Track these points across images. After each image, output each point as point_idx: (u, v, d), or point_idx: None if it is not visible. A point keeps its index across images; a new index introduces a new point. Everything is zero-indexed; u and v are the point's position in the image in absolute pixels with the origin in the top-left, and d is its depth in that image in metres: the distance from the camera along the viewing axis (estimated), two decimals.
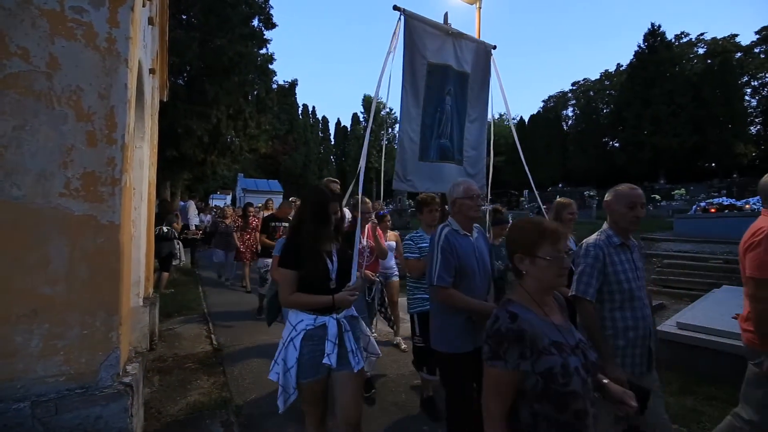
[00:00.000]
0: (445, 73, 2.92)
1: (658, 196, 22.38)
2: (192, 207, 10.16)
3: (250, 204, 7.62)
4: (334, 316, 1.84)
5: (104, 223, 2.05)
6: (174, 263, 7.11)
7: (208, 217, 11.80)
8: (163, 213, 6.73)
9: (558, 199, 3.46)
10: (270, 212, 8.00)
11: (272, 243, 4.86)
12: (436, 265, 2.03)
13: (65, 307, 1.94)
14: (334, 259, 1.89)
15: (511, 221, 3.48)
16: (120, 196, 2.10)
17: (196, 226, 10.06)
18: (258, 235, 7.14)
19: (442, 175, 2.98)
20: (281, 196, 24.05)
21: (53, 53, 1.95)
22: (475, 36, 8.67)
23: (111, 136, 2.08)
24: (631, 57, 33.93)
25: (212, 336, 4.62)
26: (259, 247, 7.32)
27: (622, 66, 40.81)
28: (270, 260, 4.70)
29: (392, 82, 2.64)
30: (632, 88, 32.68)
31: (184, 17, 7.41)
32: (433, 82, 2.83)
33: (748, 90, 34.42)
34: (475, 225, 2.29)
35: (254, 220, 7.26)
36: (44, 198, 1.92)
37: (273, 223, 5.28)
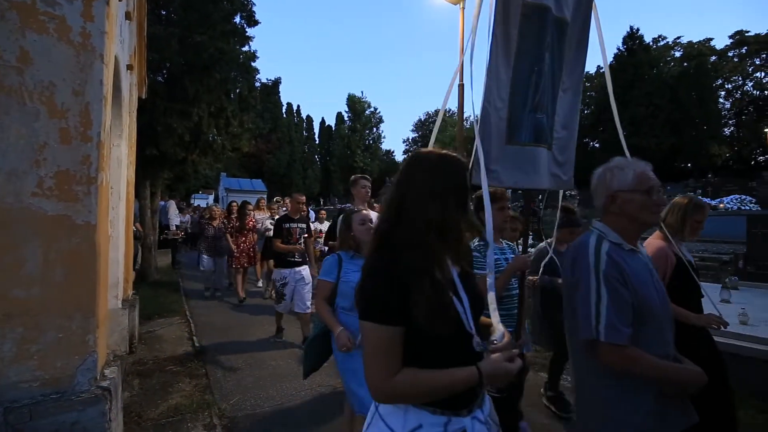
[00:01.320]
0: (542, 17, 1.98)
1: None
2: (173, 207, 9.96)
3: (247, 202, 7.03)
4: (479, 413, 0.99)
5: (80, 223, 1.99)
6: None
7: (187, 217, 11.55)
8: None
9: (680, 197, 2.34)
10: (264, 212, 7.45)
11: (293, 248, 4.32)
12: (599, 307, 1.23)
13: (39, 310, 1.88)
14: (462, 292, 0.99)
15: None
16: (96, 195, 2.04)
17: (176, 226, 9.87)
18: (253, 236, 6.71)
19: (536, 164, 2.07)
20: (265, 196, 23.69)
21: (24, 47, 1.88)
22: (458, 38, 8.67)
23: (86, 133, 2.02)
24: (611, 59, 34.84)
25: (194, 338, 4.55)
26: (257, 251, 6.77)
27: (602, 68, 41.76)
28: (287, 270, 4.31)
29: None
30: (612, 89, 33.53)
31: (164, 13, 7.23)
32: (528, 30, 1.92)
33: (722, 92, 35.79)
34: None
35: (251, 221, 6.71)
36: (16, 197, 1.86)
37: (287, 225, 4.41)
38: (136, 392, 3.27)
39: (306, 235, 4.56)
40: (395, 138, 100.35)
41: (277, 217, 6.65)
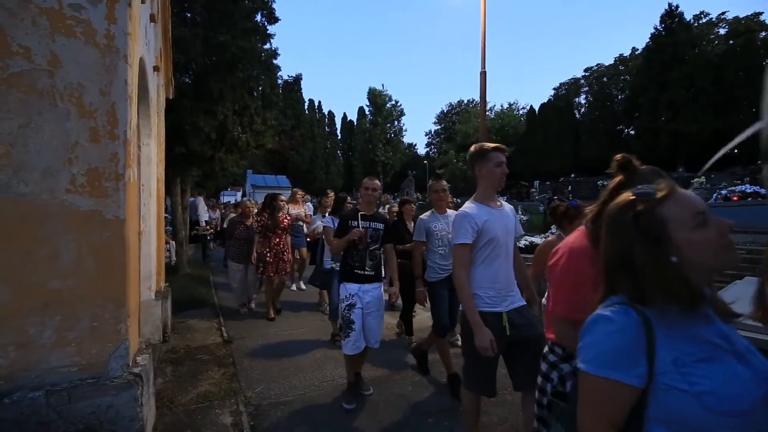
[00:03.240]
0: None
1: None
2: (201, 203, 10.35)
3: (278, 194, 5.48)
4: None
5: (110, 218, 2.09)
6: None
7: (218, 213, 11.97)
8: None
9: None
10: (299, 207, 6.34)
11: (351, 235, 2.87)
12: None
13: (75, 300, 1.99)
14: None
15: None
16: (124, 191, 2.13)
17: (206, 221, 10.27)
18: (287, 239, 5.39)
19: None
20: (290, 192, 24.22)
21: (54, 51, 1.98)
22: (480, 24, 8.44)
23: (113, 132, 2.11)
24: (647, 40, 32.93)
25: (223, 329, 4.72)
26: (289, 256, 5.43)
27: (637, 50, 39.70)
28: (355, 286, 2.90)
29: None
30: (648, 72, 31.78)
31: (189, 15, 7.44)
32: None
33: None
34: None
35: (284, 219, 5.40)
36: (51, 194, 1.97)
37: (355, 222, 2.94)
38: (169, 379, 3.43)
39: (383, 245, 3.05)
40: (418, 131, 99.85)
41: (327, 214, 5.11)
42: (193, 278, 7.63)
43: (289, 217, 5.57)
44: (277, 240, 5.25)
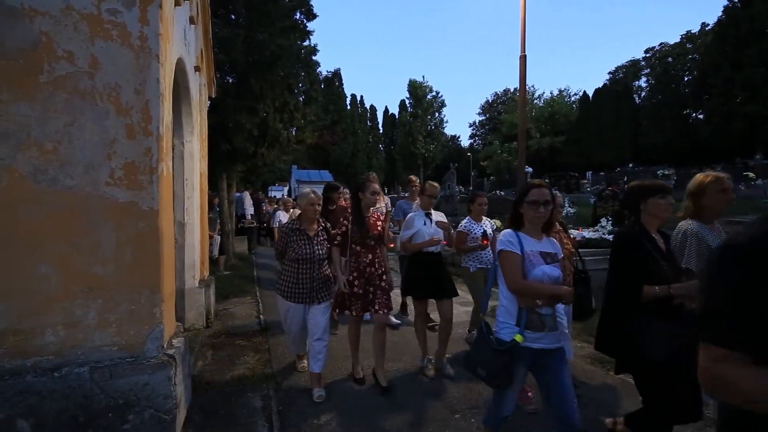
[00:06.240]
0: None
1: (752, 174, 19.33)
2: (247, 197, 10.89)
3: (367, 186, 3.00)
4: None
5: (145, 209, 2.22)
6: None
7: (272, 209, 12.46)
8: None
9: None
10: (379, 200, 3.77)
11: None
12: None
13: (115, 285, 2.16)
14: None
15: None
16: (158, 183, 2.26)
17: (251, 215, 10.80)
18: (382, 250, 3.16)
19: None
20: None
21: (94, 54, 2.13)
22: (521, 10, 7.98)
23: (147, 128, 2.24)
24: (720, 14, 29.39)
25: (261, 317, 4.93)
26: (390, 279, 3.11)
27: (708, 25, 35.59)
28: None
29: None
30: (721, 49, 28.36)
31: (233, 17, 7.76)
32: None
33: None
34: None
35: (377, 222, 3.14)
36: (93, 187, 2.14)
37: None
38: (209, 362, 3.65)
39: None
40: (461, 123, 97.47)
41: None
42: (237, 268, 8.06)
43: (382, 219, 3.24)
44: (369, 257, 3.07)
